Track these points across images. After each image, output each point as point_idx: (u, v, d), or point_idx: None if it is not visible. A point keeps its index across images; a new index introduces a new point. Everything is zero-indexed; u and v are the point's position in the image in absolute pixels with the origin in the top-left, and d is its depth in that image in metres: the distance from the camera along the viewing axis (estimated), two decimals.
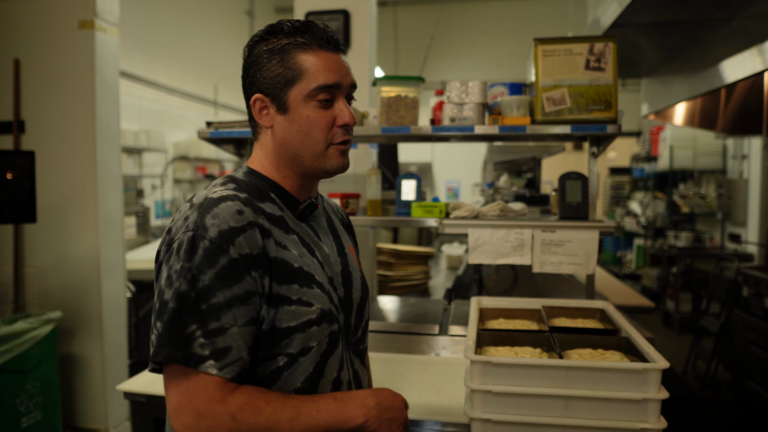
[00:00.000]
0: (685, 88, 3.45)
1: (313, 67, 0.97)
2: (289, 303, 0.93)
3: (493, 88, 2.05)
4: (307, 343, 0.95)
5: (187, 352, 0.84)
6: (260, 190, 1.00)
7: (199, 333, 0.84)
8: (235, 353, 0.86)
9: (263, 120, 1.01)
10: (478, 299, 1.63)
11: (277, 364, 0.93)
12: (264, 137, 1.03)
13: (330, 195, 2.09)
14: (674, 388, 4.10)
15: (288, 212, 1.02)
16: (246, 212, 0.91)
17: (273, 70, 0.98)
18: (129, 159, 6.33)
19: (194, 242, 0.87)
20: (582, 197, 1.90)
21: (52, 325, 2.66)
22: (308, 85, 0.97)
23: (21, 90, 3.05)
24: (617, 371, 1.12)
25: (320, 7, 2.87)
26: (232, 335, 0.86)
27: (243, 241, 0.89)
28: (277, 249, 0.94)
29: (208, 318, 0.85)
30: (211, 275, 0.86)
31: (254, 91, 1.00)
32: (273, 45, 0.98)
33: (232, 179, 1.01)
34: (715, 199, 6.15)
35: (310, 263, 0.98)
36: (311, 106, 0.98)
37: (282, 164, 1.03)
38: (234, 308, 0.87)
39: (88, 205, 3.00)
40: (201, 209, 0.90)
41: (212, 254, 0.86)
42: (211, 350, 0.84)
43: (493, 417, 1.15)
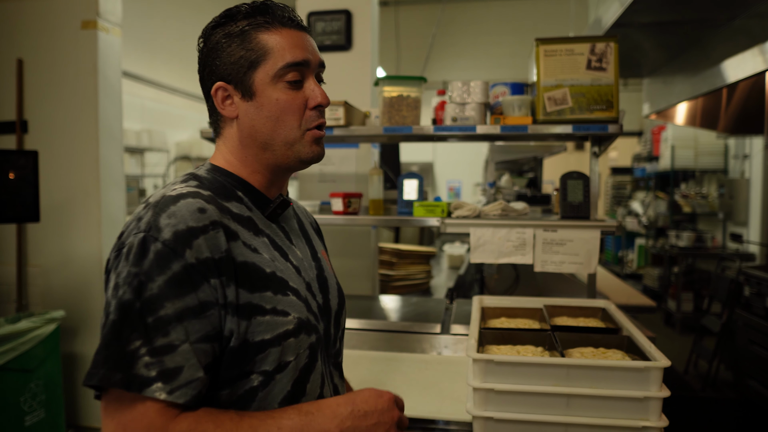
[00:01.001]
0: (687, 87, 3.45)
1: (277, 45, 0.89)
2: (262, 313, 0.82)
3: (495, 88, 2.05)
4: (283, 357, 0.83)
5: (128, 373, 0.71)
6: (226, 188, 0.90)
7: (144, 350, 0.72)
8: (187, 374, 0.73)
9: (227, 110, 0.91)
10: (479, 298, 1.64)
11: (251, 384, 0.82)
12: (228, 130, 0.93)
13: (332, 195, 2.09)
14: (676, 387, 4.10)
15: (257, 212, 0.92)
16: (209, 210, 0.81)
17: (233, 53, 0.89)
18: (131, 159, 6.34)
19: (145, 244, 0.76)
20: (583, 197, 1.91)
21: (55, 324, 2.67)
22: (274, 65, 0.88)
23: (24, 90, 3.07)
24: (619, 369, 1.13)
25: (322, 7, 2.88)
26: (183, 353, 0.73)
27: (203, 243, 0.77)
28: (245, 252, 0.83)
29: (155, 333, 0.72)
30: (160, 283, 0.74)
31: (214, 80, 0.91)
32: (231, 28, 0.89)
33: (193, 176, 0.90)
34: (716, 198, 6.14)
35: (283, 268, 0.88)
36: (280, 88, 0.89)
37: (250, 157, 0.93)
38: (186, 322, 0.74)
39: (91, 205, 3.01)
40: (156, 208, 0.79)
41: (164, 258, 0.75)
42: (158, 371, 0.71)
43: (495, 415, 1.15)
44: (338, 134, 2.03)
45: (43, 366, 2.62)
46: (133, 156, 6.42)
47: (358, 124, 2.11)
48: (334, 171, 2.91)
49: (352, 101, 2.32)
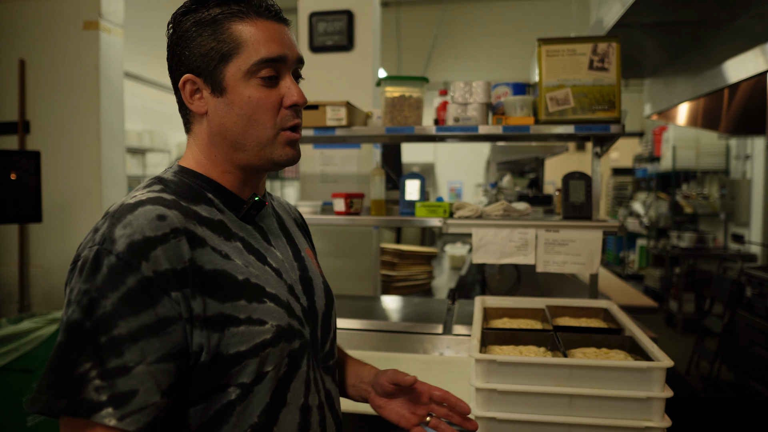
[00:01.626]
0: (688, 88, 3.45)
1: (252, 38, 0.82)
2: (236, 323, 0.76)
3: (497, 88, 2.05)
4: (262, 368, 0.78)
5: (75, 398, 0.65)
6: (194, 190, 0.83)
7: (94, 373, 0.66)
8: (141, 398, 0.67)
9: (196, 105, 0.84)
10: (482, 299, 1.64)
11: (228, 398, 0.77)
12: (198, 126, 0.86)
13: (334, 195, 2.10)
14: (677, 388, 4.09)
15: (230, 214, 0.85)
16: (170, 217, 0.74)
17: (204, 44, 0.82)
18: (133, 159, 6.35)
19: (98, 259, 0.70)
20: (585, 197, 1.91)
21: (57, 324, 2.68)
22: (248, 60, 0.81)
23: (26, 90, 3.07)
24: (621, 370, 1.13)
25: (324, 7, 2.88)
26: (137, 375, 0.67)
27: (161, 254, 0.71)
28: (214, 260, 0.77)
29: (107, 354, 0.67)
30: (114, 300, 0.68)
31: (182, 71, 0.84)
32: (202, 15, 0.82)
33: (159, 180, 0.84)
34: (718, 199, 6.14)
35: (258, 273, 0.82)
36: (253, 85, 0.82)
37: (221, 156, 0.86)
38: (142, 341, 0.68)
39: (93, 205, 3.02)
40: (113, 218, 0.73)
41: (118, 273, 0.69)
42: (109, 395, 0.66)
43: (498, 415, 1.16)
44: (340, 134, 2.03)
45: (44, 366, 2.62)
46: (135, 156, 6.43)
47: (360, 125, 2.12)
48: (336, 171, 2.91)
49: (354, 101, 2.32)
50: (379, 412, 1.00)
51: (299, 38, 2.93)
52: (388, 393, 0.98)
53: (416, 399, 0.99)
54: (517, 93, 2.02)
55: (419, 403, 0.98)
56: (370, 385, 1.02)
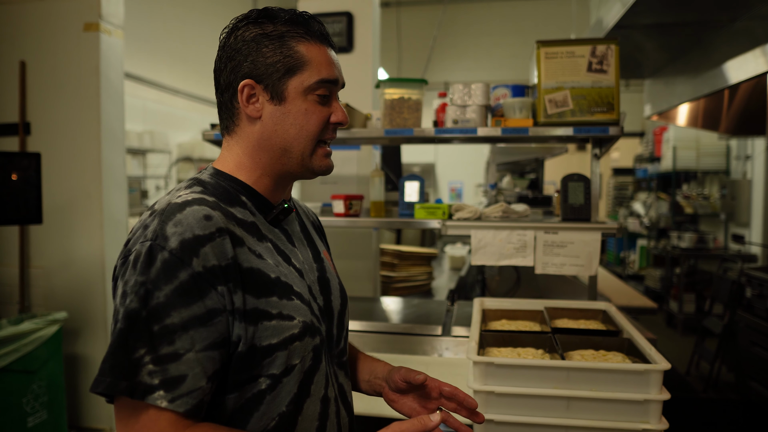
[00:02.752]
0: (688, 89, 3.45)
1: (315, 59, 0.91)
2: (269, 318, 0.83)
3: (496, 90, 2.06)
4: (290, 361, 0.85)
5: (132, 381, 0.72)
6: (229, 193, 0.90)
7: (148, 359, 0.73)
8: (190, 383, 0.74)
9: (251, 109, 0.90)
10: (480, 300, 1.64)
11: (259, 387, 0.83)
12: (246, 128, 0.92)
13: (333, 197, 2.10)
14: (677, 389, 4.10)
15: (260, 217, 0.92)
16: (215, 217, 0.81)
17: (270, 56, 0.89)
18: (133, 160, 6.36)
19: (152, 253, 0.76)
20: (584, 199, 1.91)
21: (57, 325, 2.68)
22: (310, 77, 0.90)
23: (27, 92, 3.08)
24: (619, 372, 1.13)
25: (324, 9, 2.88)
26: (187, 362, 0.74)
27: (210, 251, 0.78)
28: (250, 258, 0.84)
29: (160, 341, 0.73)
30: (167, 291, 0.75)
31: (242, 76, 0.90)
32: (269, 30, 0.89)
33: (197, 182, 0.90)
34: (718, 199, 6.14)
35: (287, 273, 0.89)
36: (310, 100, 0.91)
37: (264, 160, 0.92)
38: (192, 330, 0.75)
39: (93, 206, 3.02)
40: (162, 216, 0.80)
41: (171, 267, 0.75)
42: (161, 379, 0.72)
43: (496, 417, 1.16)
44: (339, 136, 2.03)
45: (45, 367, 2.63)
46: (135, 157, 6.43)
47: (359, 127, 2.12)
48: (336, 173, 2.91)
49: (354, 103, 2.32)
50: (392, 406, 1.07)
51: None
52: (400, 389, 1.04)
53: (427, 394, 1.04)
54: (516, 95, 2.03)
55: (430, 398, 1.04)
56: (384, 381, 1.08)
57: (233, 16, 0.97)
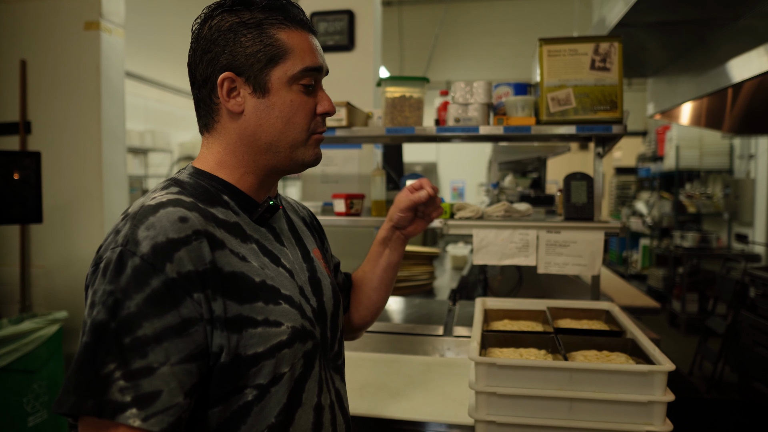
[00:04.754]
0: (692, 87, 3.43)
1: (298, 46, 0.85)
2: (254, 325, 0.77)
3: (498, 89, 2.04)
4: (278, 369, 0.80)
5: (101, 399, 0.66)
6: (210, 192, 0.84)
7: (118, 374, 0.67)
8: (165, 399, 0.68)
9: (232, 104, 0.85)
10: (482, 300, 1.63)
11: (245, 398, 0.78)
12: (227, 125, 0.87)
13: (334, 196, 2.09)
14: (680, 389, 4.08)
15: (245, 216, 0.87)
16: (191, 219, 0.75)
17: (249, 45, 0.83)
18: (134, 159, 6.36)
19: (122, 260, 0.71)
20: (587, 198, 1.89)
21: (58, 325, 2.68)
22: (294, 66, 0.85)
23: (27, 91, 3.07)
24: (622, 373, 1.11)
25: (325, 7, 2.87)
26: (162, 376, 0.68)
27: (185, 255, 0.72)
28: (233, 262, 0.78)
29: (131, 355, 0.67)
30: (138, 301, 0.69)
31: (220, 69, 0.84)
32: (246, 18, 0.84)
33: (175, 182, 0.85)
34: (721, 199, 6.11)
35: (273, 275, 0.84)
36: (295, 90, 0.86)
37: (247, 157, 0.87)
38: (166, 342, 0.69)
39: (94, 206, 3.02)
40: (135, 219, 0.74)
41: (143, 274, 0.70)
42: (133, 395, 0.66)
43: (498, 419, 1.15)
44: (340, 135, 2.02)
45: (46, 367, 2.63)
46: (137, 156, 6.44)
47: (360, 125, 2.11)
48: (337, 172, 2.90)
49: (355, 102, 2.31)
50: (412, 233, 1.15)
51: None
52: (404, 220, 1.13)
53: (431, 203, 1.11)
54: (519, 93, 2.01)
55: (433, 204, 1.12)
56: (392, 230, 1.16)
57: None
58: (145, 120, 6.65)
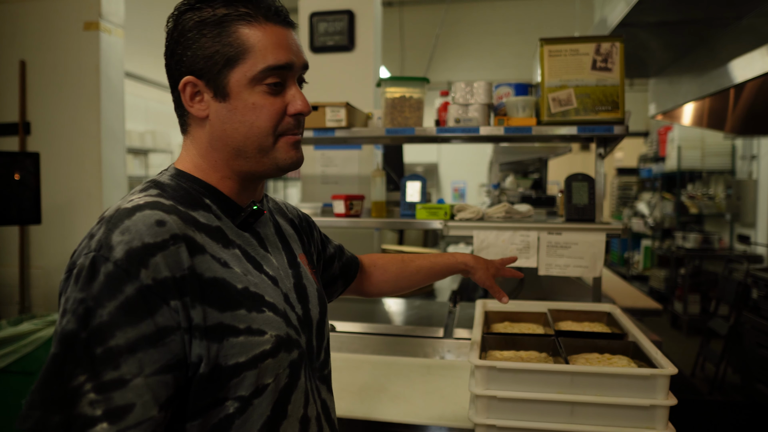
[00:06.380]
0: (694, 88, 3.41)
1: (259, 43, 0.79)
2: (235, 334, 0.74)
3: (499, 89, 2.03)
4: (261, 380, 0.76)
5: (70, 413, 0.62)
6: (191, 195, 0.81)
7: (89, 386, 0.63)
8: (138, 412, 0.64)
9: (196, 109, 0.81)
10: (483, 302, 1.62)
11: (226, 411, 0.74)
12: (196, 130, 0.83)
13: (334, 197, 2.08)
14: (683, 391, 4.06)
15: (227, 221, 0.83)
16: (169, 223, 0.71)
17: (208, 46, 0.78)
18: (135, 160, 6.35)
19: (94, 266, 0.67)
20: (588, 199, 1.88)
21: None
22: (254, 66, 0.79)
23: (27, 91, 3.07)
24: (624, 377, 1.10)
25: (325, 7, 2.86)
26: (135, 388, 0.65)
27: (161, 261, 0.69)
28: (213, 267, 0.75)
29: (103, 366, 0.64)
30: (111, 309, 0.65)
31: (183, 72, 0.80)
32: (207, 15, 0.78)
33: (155, 184, 0.81)
34: (723, 199, 6.09)
35: (257, 282, 0.80)
36: (258, 92, 0.80)
37: (221, 162, 0.83)
38: (140, 352, 0.65)
39: (93, 206, 3.01)
40: (110, 223, 0.70)
41: (116, 281, 0.66)
42: (104, 409, 0.63)
43: (498, 423, 1.13)
44: (340, 136, 2.01)
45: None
46: (137, 157, 6.43)
47: (360, 126, 2.10)
48: (337, 173, 2.89)
49: (355, 102, 2.30)
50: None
51: (299, 38, 2.92)
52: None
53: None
54: (519, 93, 2.00)
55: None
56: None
57: None
58: (145, 120, 6.65)
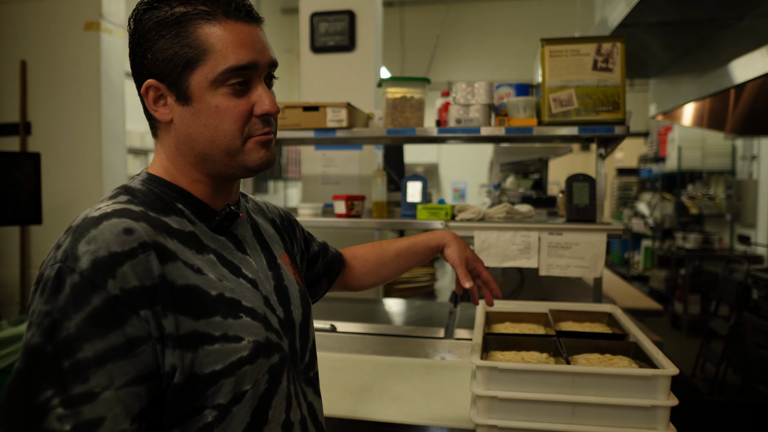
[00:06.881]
0: (694, 88, 3.41)
1: (220, 43, 0.75)
2: (210, 341, 0.72)
3: (500, 89, 2.03)
4: (239, 387, 0.75)
5: (36, 429, 0.61)
6: (163, 200, 0.79)
7: (57, 401, 0.61)
8: (109, 426, 0.63)
9: (160, 113, 0.79)
10: (484, 303, 1.62)
11: (204, 420, 0.72)
12: (164, 134, 0.82)
13: (335, 197, 2.08)
14: (683, 391, 4.06)
15: (201, 225, 0.81)
16: (137, 231, 0.69)
17: (167, 48, 0.75)
18: (136, 160, 6.35)
19: (60, 277, 0.65)
20: (589, 199, 1.88)
21: None
22: (215, 67, 0.76)
23: (27, 91, 3.07)
24: (625, 377, 1.10)
25: (325, 7, 2.86)
26: (105, 401, 0.63)
27: (128, 270, 0.67)
28: (186, 275, 0.73)
29: (71, 379, 0.62)
30: (78, 321, 0.64)
31: (145, 75, 0.78)
32: (164, 15, 0.75)
33: (125, 190, 0.79)
34: (723, 200, 6.09)
35: (233, 287, 0.78)
36: (221, 94, 0.77)
37: (189, 166, 0.81)
38: (109, 364, 0.64)
39: None
40: (76, 233, 0.69)
41: (82, 292, 0.64)
42: (73, 423, 0.61)
43: (499, 423, 1.13)
44: (341, 136, 2.01)
45: None
46: (138, 157, 6.43)
47: (360, 126, 2.10)
48: (338, 173, 2.89)
49: (356, 102, 2.30)
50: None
51: (300, 38, 2.91)
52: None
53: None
54: (520, 94, 2.00)
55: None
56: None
57: None
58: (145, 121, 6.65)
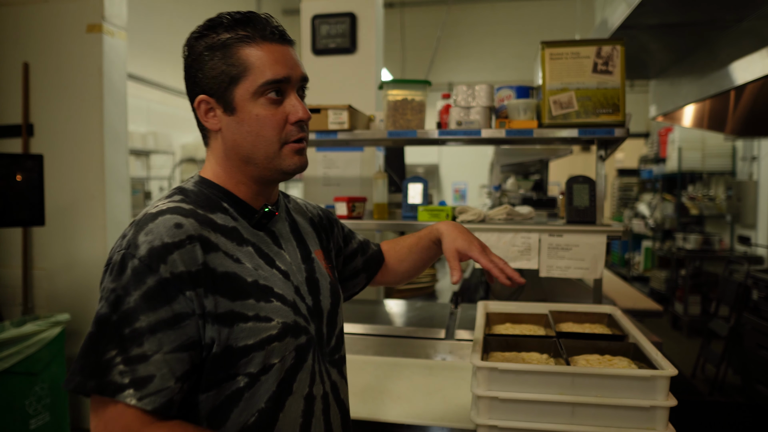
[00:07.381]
0: (694, 89, 3.42)
1: (258, 61, 0.90)
2: (244, 320, 0.86)
3: (500, 92, 2.04)
4: (268, 360, 0.88)
5: (103, 380, 0.76)
6: (211, 200, 0.94)
7: (119, 359, 0.77)
8: (158, 383, 0.77)
9: (210, 123, 0.94)
10: (484, 303, 1.63)
11: (237, 385, 0.86)
12: (214, 142, 0.96)
13: (336, 199, 2.09)
14: (683, 392, 4.07)
15: (243, 222, 0.95)
16: (186, 225, 0.84)
17: (215, 68, 0.91)
18: (137, 161, 6.36)
19: (124, 261, 0.81)
20: (589, 201, 1.89)
21: (60, 327, 2.68)
22: (255, 82, 0.90)
23: (30, 93, 3.08)
24: (625, 378, 1.11)
25: (327, 10, 2.87)
26: (155, 363, 0.78)
27: (177, 258, 0.81)
28: (226, 263, 0.87)
29: (130, 343, 0.78)
30: (136, 297, 0.79)
31: (198, 92, 0.93)
32: (213, 41, 0.91)
33: (180, 190, 0.94)
34: (724, 201, 6.10)
35: (267, 275, 0.92)
36: (260, 104, 0.91)
37: (235, 169, 0.96)
38: (159, 333, 0.79)
39: (96, 208, 3.02)
40: (137, 226, 0.85)
41: (140, 274, 0.80)
42: (130, 378, 0.76)
43: (500, 423, 1.14)
44: (342, 138, 2.02)
45: (48, 369, 2.63)
46: (139, 158, 6.44)
47: (362, 128, 2.11)
48: (339, 174, 2.90)
49: (357, 104, 2.31)
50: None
51: (301, 41, 2.92)
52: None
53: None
54: (521, 96, 2.01)
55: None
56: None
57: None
58: (147, 122, 6.66)
